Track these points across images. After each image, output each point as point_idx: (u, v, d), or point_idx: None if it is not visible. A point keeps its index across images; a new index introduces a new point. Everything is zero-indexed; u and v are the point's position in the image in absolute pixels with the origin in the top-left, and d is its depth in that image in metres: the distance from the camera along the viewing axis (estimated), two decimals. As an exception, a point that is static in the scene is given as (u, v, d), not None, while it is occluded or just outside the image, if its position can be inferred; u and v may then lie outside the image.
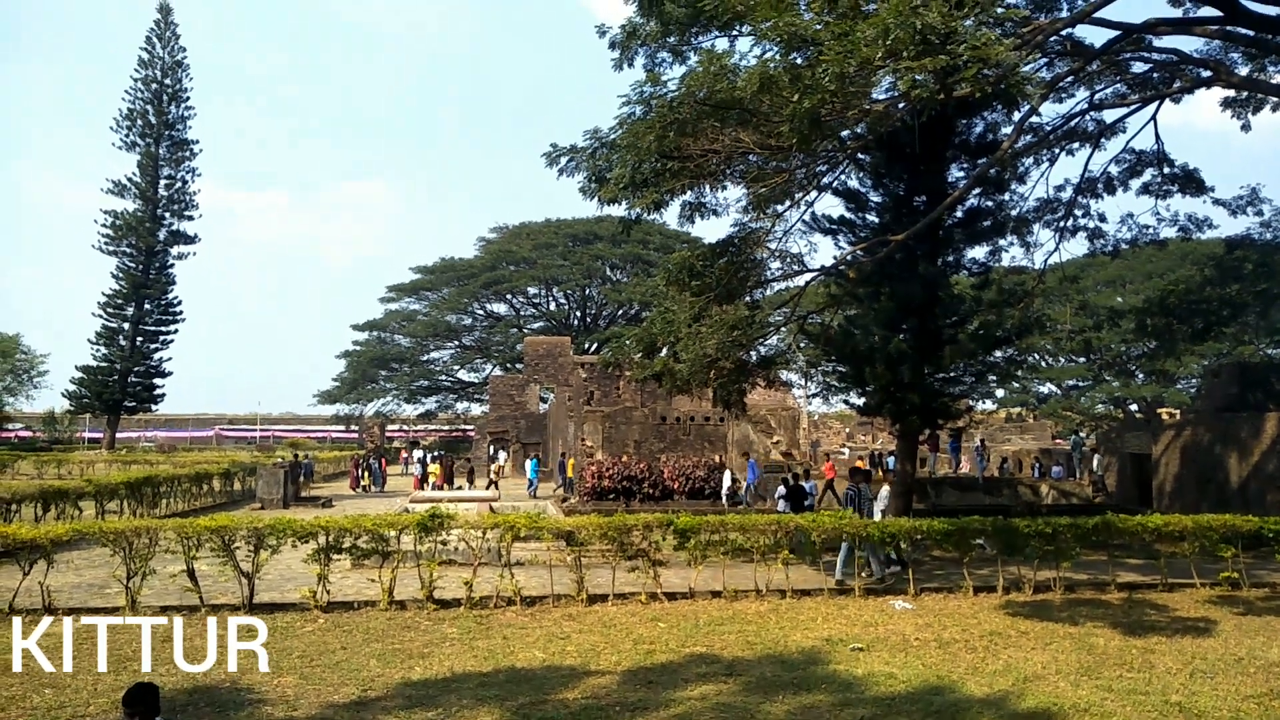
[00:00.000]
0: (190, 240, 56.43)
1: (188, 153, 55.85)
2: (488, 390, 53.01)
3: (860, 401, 20.48)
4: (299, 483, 32.40)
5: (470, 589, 12.67)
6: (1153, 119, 20.50)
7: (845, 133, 15.04)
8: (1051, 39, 16.08)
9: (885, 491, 16.32)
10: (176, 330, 56.86)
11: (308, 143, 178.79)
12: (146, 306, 55.33)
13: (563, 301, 70.55)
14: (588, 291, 68.54)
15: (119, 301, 54.66)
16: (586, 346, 60.95)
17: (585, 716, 8.07)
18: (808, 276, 18.32)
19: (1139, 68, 19.64)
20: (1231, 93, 21.17)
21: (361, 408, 67.35)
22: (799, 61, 10.88)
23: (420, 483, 34.85)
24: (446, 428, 72.23)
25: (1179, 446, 22.76)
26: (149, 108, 54.63)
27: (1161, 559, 14.67)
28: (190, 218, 56.27)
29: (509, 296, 69.02)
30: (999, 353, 19.95)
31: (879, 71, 9.98)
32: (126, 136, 54.63)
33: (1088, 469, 30.49)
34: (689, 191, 14.98)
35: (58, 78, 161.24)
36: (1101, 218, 22.63)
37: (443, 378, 69.09)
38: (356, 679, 9.16)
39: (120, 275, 54.50)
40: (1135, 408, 51.28)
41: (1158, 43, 18.86)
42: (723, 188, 15.42)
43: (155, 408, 59.05)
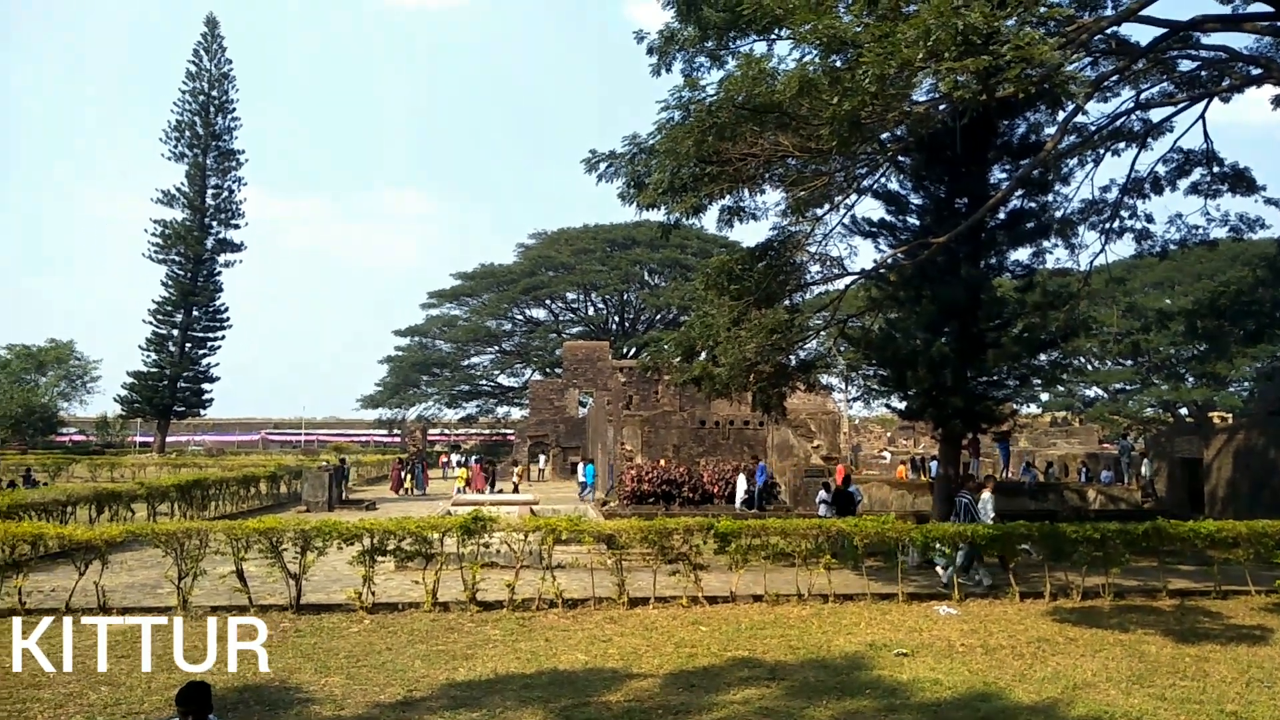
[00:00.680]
0: (236, 248, 57.53)
1: (234, 162, 56.96)
2: (527, 395, 53.38)
3: (901, 405, 20.28)
4: (343, 486, 32.85)
5: (512, 591, 12.77)
6: (1201, 117, 20.06)
7: (885, 135, 14.98)
8: (1096, 38, 15.82)
9: (988, 497, 16.15)
10: (224, 336, 57.96)
11: (349, 151, 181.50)
12: (195, 313, 56.48)
13: (601, 306, 70.82)
14: (626, 296, 68.72)
15: (168, 308, 55.86)
16: (625, 351, 61.10)
17: (628, 719, 8.10)
18: (848, 280, 18.22)
19: (1186, 66, 19.24)
20: (1283, 90, 20.63)
21: (404, 412, 68.15)
22: (838, 64, 10.86)
23: (485, 483, 35.14)
24: (487, 432, 72.78)
25: (1232, 451, 22.24)
26: (196, 119, 55.78)
27: (1215, 565, 14.34)
28: (236, 226, 57.38)
29: (548, 302, 69.45)
30: (1043, 356, 19.65)
31: (920, 73, 9.93)
32: (175, 147, 55.83)
33: (1136, 474, 29.88)
34: (727, 196, 14.98)
35: (108, 90, 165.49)
36: (1149, 218, 22.07)
37: (483, 382, 69.68)
38: (402, 679, 9.28)
39: (169, 283, 55.69)
40: (1185, 411, 50.16)
41: (1206, 40, 18.46)
42: (761, 191, 15.41)
43: (203, 412, 60.23)
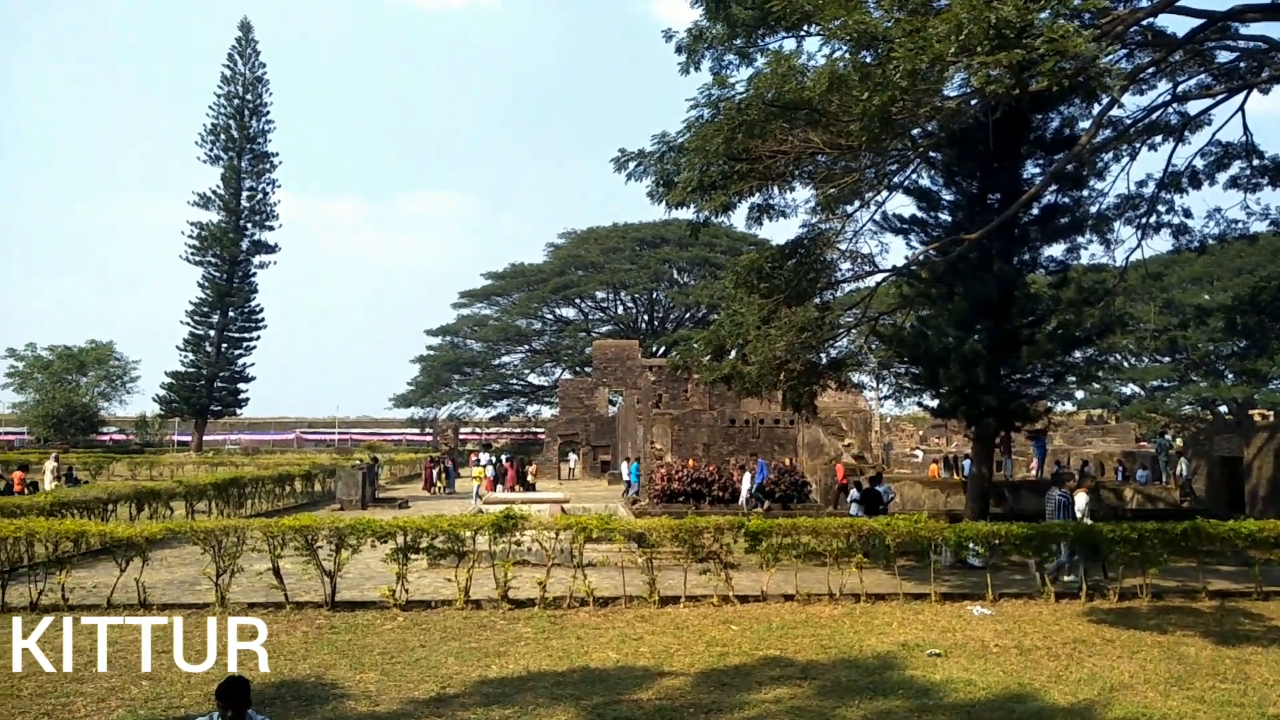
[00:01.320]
0: (271, 249, 58.28)
1: (268, 165, 57.70)
2: (557, 393, 53.54)
3: (934, 404, 20.10)
4: (376, 484, 33.18)
5: (544, 589, 12.83)
6: (1240, 110, 19.69)
7: (916, 131, 14.84)
8: (1131, 30, 15.59)
9: (1084, 497, 16.00)
10: (259, 336, 58.75)
11: (382, 154, 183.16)
12: (231, 314, 57.30)
13: (630, 305, 70.89)
14: (655, 295, 68.75)
15: (205, 309, 56.73)
16: (654, 349, 61.11)
17: (659, 717, 8.12)
18: (879, 277, 18.10)
19: (1225, 57, 18.84)
20: (1326, 81, 20.16)
21: (435, 411, 68.73)
22: (868, 60, 10.78)
23: (493, 484, 35.33)
24: (518, 430, 73.15)
25: (1273, 449, 21.81)
26: (231, 122, 56.55)
27: (1256, 566, 14.08)
28: (271, 228, 58.14)
29: (578, 301, 69.67)
30: (1078, 353, 19.40)
31: (952, 68, 9.84)
32: (211, 150, 56.64)
33: (1174, 472, 29.39)
34: (757, 193, 14.94)
35: (146, 96, 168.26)
36: (1187, 213, 21.61)
37: (514, 381, 70.05)
38: (435, 676, 9.37)
39: (206, 284, 56.54)
40: (1225, 409, 49.28)
41: (1245, 30, 18.07)
42: (791, 189, 15.34)
43: (239, 411, 61.10)
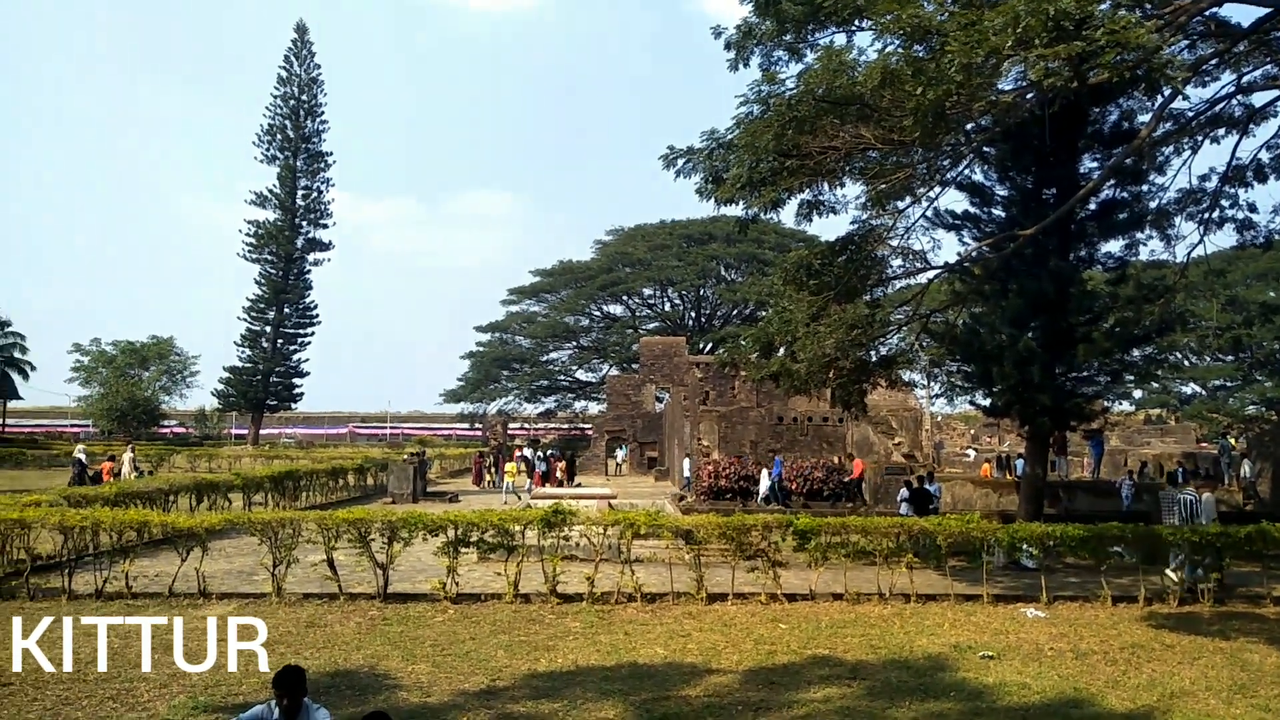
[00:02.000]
0: (325, 247, 59.47)
1: (323, 164, 58.84)
2: (605, 390, 53.69)
3: (986, 402, 19.80)
4: (426, 478, 33.63)
5: (592, 584, 12.91)
6: (1308, 101, 19.02)
7: (970, 125, 14.63)
8: (1194, 20, 15.16)
9: (1210, 498, 15.70)
10: (313, 332, 60.01)
11: (431, 154, 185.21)
12: (286, 310, 58.54)
13: (678, 302, 70.79)
14: (702, 292, 68.57)
15: (261, 306, 58.04)
16: (701, 346, 60.97)
17: (708, 714, 8.12)
18: (930, 274, 17.86)
19: (1292, 47, 18.26)
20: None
21: (485, 406, 69.32)
22: (922, 54, 10.65)
23: (541, 480, 35.60)
24: (565, 426, 73.54)
25: (1343, 451, 21.08)
26: (287, 123, 57.74)
27: (1323, 572, 13.66)
28: (325, 225, 59.30)
29: (625, 298, 69.75)
30: (1137, 351, 18.97)
31: (1008, 61, 9.68)
32: (267, 150, 57.90)
33: (1237, 474, 28.57)
34: (806, 189, 14.83)
35: (204, 99, 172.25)
36: (1251, 207, 20.90)
37: (561, 377, 70.40)
38: (485, 669, 9.48)
39: (262, 281, 57.84)
40: (1291, 410, 47.74)
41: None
42: (841, 185, 15.21)
43: (294, 406, 62.44)
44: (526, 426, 74.92)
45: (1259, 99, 19.48)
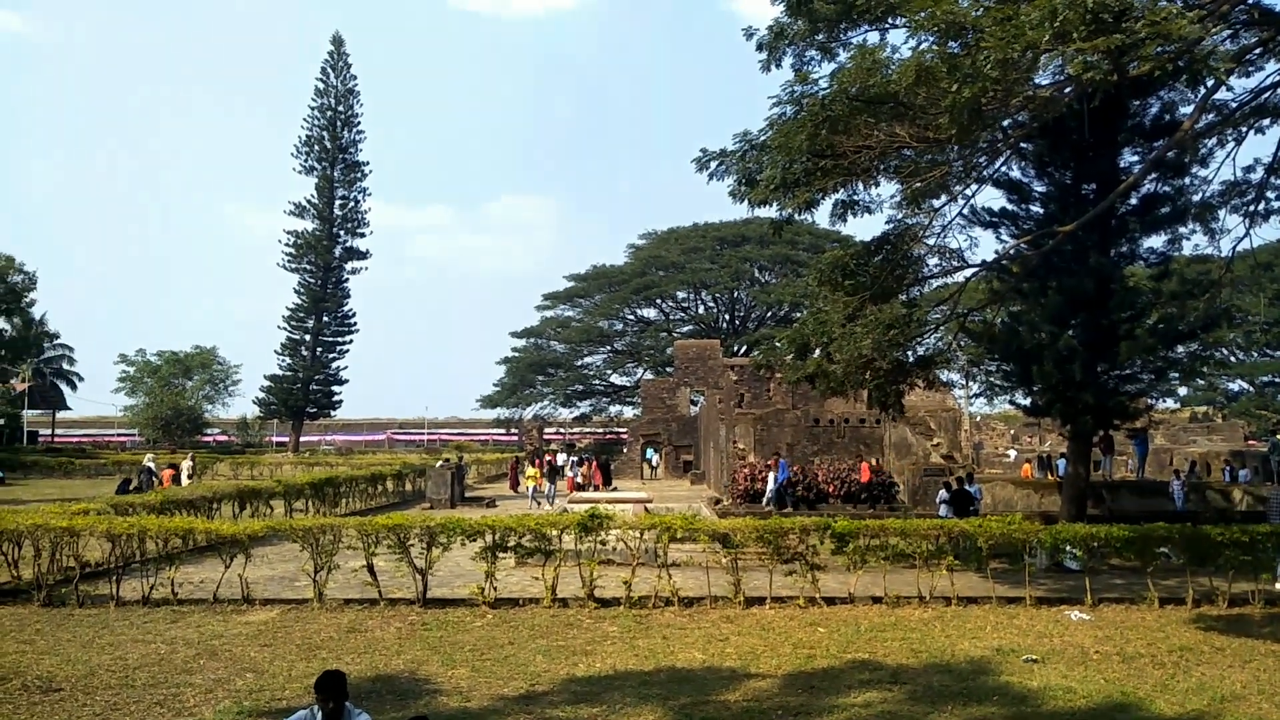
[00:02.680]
0: (363, 256, 60.06)
1: (359, 174, 59.48)
2: (639, 393, 53.72)
3: (1026, 402, 19.55)
4: (464, 483, 33.84)
5: (629, 588, 12.90)
6: (1359, 89, 18.51)
7: (1006, 121, 14.42)
8: (1236, 8, 14.83)
9: None
10: (351, 340, 60.61)
11: (466, 161, 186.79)
12: (325, 319, 59.23)
13: (711, 305, 70.70)
14: (736, 294, 68.41)
15: (301, 314, 58.79)
16: (736, 349, 60.81)
17: (747, 719, 8.07)
18: (968, 272, 17.61)
19: (1342, 33, 17.79)
20: None
21: (520, 411, 69.67)
22: (957, 50, 10.53)
23: (575, 485, 35.68)
24: (600, 430, 73.68)
25: (1400, 448, 20.47)
26: (324, 134, 58.47)
27: (1381, 573, 13.27)
28: (362, 234, 59.91)
29: (659, 301, 69.78)
30: (1181, 348, 18.60)
31: (1046, 55, 9.53)
32: (305, 161, 58.65)
33: (1289, 472, 27.89)
34: (841, 189, 14.71)
35: (244, 111, 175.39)
36: (1299, 199, 20.46)
37: (596, 382, 70.56)
38: (524, 673, 9.51)
39: (301, 290, 58.58)
40: (1344, 406, 46.52)
41: (1365, 4, 17.02)
42: (876, 184, 15.05)
43: (334, 413, 63.13)
44: (562, 431, 75.17)
45: (1306, 88, 19.02)
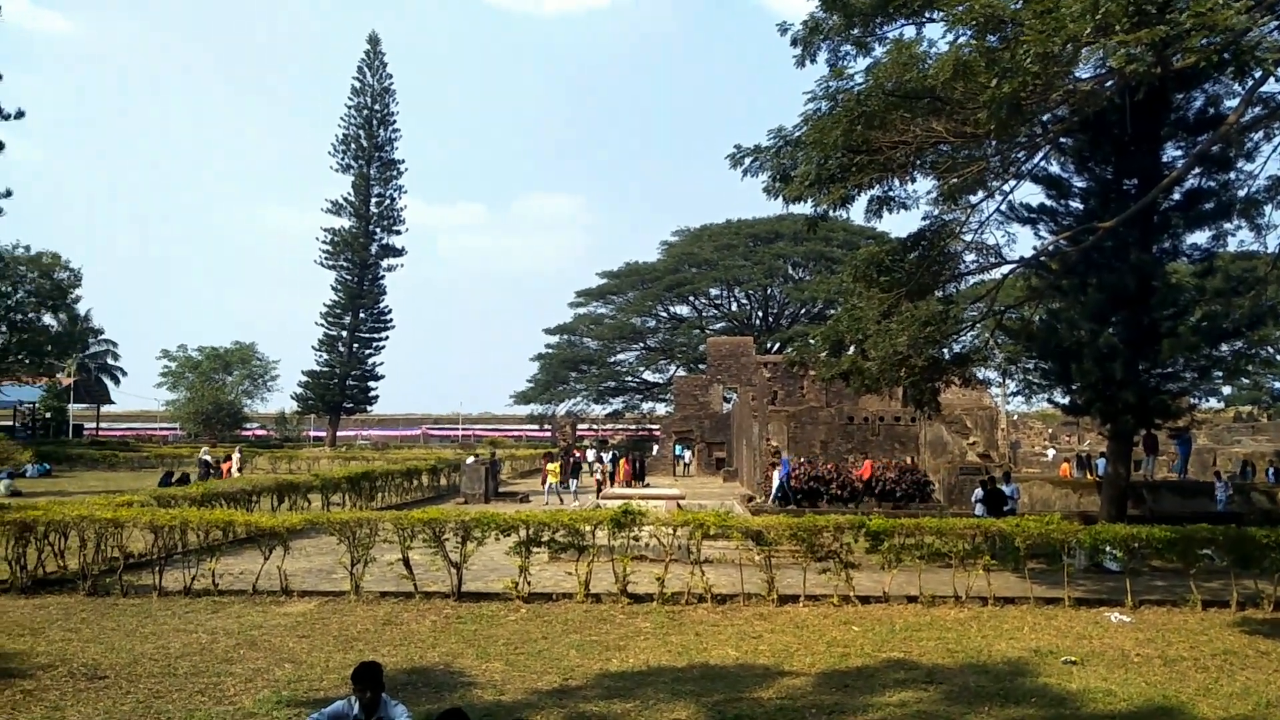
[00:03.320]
0: (398, 253, 60.74)
1: (395, 172, 60.14)
2: (672, 390, 53.72)
3: (1065, 400, 19.26)
4: (498, 479, 34.08)
5: (662, 584, 12.91)
6: None
7: (1046, 116, 14.23)
8: (1287, -2, 14.50)
9: None
10: (387, 337, 61.40)
11: (499, 158, 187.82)
12: (361, 315, 59.99)
13: (744, 302, 70.49)
14: (769, 291, 68.15)
15: (338, 311, 59.58)
16: (769, 346, 60.56)
17: (780, 717, 8.04)
18: (1005, 269, 17.45)
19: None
20: None
21: (553, 408, 70.02)
22: (995, 44, 10.41)
23: (608, 480, 35.77)
24: (633, 427, 73.80)
25: None
26: (361, 132, 59.16)
27: None
28: (398, 232, 60.65)
29: (691, 298, 69.73)
30: (1225, 346, 18.24)
31: (1087, 48, 9.39)
32: (342, 159, 59.42)
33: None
34: (876, 185, 14.62)
35: (281, 111, 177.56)
36: (1350, 194, 19.98)
37: (629, 378, 70.69)
38: (558, 668, 9.56)
39: (338, 287, 59.37)
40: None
41: None
42: (912, 180, 14.94)
43: (370, 409, 63.93)
44: (595, 428, 75.40)
45: (1357, 80, 18.55)
